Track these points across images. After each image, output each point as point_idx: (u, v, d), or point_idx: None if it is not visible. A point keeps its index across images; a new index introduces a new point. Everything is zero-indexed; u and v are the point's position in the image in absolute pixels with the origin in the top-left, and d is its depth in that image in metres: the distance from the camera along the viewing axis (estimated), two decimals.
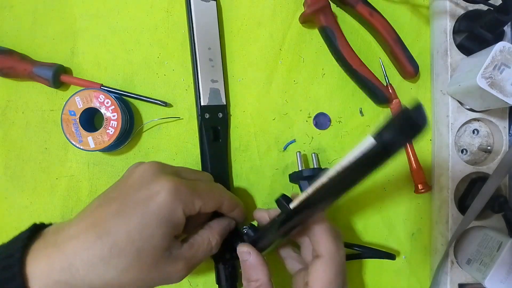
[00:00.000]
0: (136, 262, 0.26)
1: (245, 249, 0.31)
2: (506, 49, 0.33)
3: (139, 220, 0.26)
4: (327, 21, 0.39)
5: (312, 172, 0.37)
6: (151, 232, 0.26)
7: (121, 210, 0.27)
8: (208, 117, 0.38)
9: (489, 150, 0.41)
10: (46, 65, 0.38)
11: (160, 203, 0.27)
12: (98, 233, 0.25)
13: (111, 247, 0.25)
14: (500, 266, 0.33)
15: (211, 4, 0.38)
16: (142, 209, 0.26)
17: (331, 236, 0.30)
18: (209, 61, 0.38)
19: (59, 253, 0.25)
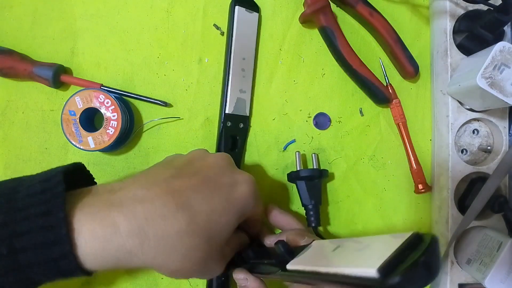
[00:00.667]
0: (204, 244, 0.24)
1: (242, 276, 0.31)
2: (506, 49, 0.33)
3: (223, 203, 0.25)
4: (327, 21, 0.39)
5: (310, 173, 0.37)
6: (229, 219, 0.25)
7: (205, 188, 0.25)
8: (229, 126, 0.38)
9: (489, 150, 0.41)
10: (46, 65, 0.38)
11: (242, 193, 0.27)
12: (179, 203, 0.23)
13: (189, 222, 0.23)
14: (500, 266, 0.33)
15: (254, 15, 0.39)
16: (226, 194, 0.26)
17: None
18: (241, 71, 0.38)
19: (127, 215, 0.21)
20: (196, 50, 0.40)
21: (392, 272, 0.16)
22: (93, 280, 0.38)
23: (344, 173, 0.41)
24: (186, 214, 0.23)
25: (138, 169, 0.39)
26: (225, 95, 0.38)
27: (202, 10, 0.40)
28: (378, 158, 0.41)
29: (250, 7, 0.39)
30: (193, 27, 0.40)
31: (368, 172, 0.41)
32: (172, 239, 0.22)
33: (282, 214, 0.35)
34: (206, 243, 0.24)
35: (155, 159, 0.40)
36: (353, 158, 0.41)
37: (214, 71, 0.40)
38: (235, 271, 0.32)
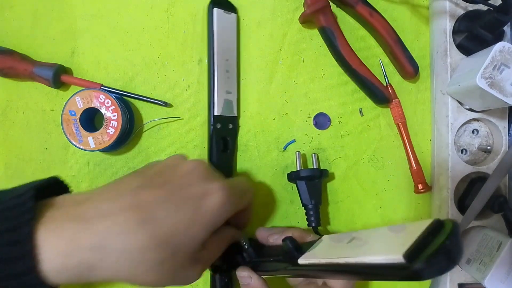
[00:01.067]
0: (170, 258, 0.23)
1: (246, 274, 0.31)
2: (505, 49, 0.33)
3: (190, 215, 0.24)
4: (327, 21, 0.39)
5: (310, 173, 0.37)
6: (197, 231, 0.25)
7: (171, 200, 0.24)
8: (219, 127, 0.38)
9: (489, 150, 0.41)
10: (46, 65, 0.38)
11: (214, 204, 0.26)
12: (141, 218, 0.23)
13: (152, 237, 0.22)
14: (499, 266, 0.33)
15: (232, 16, 0.39)
16: (195, 205, 0.25)
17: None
18: (225, 72, 0.38)
19: (89, 230, 0.21)
20: (196, 50, 0.40)
21: (417, 258, 0.16)
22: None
23: (344, 173, 0.41)
24: (148, 229, 0.23)
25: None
26: (212, 98, 0.38)
27: (202, 10, 0.40)
28: (378, 158, 0.41)
29: (227, 9, 0.39)
30: (193, 27, 0.40)
31: (368, 172, 0.41)
32: (134, 254, 0.22)
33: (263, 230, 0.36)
34: (172, 255, 0.23)
35: (155, 159, 0.40)
36: (353, 158, 0.41)
37: None
38: (238, 269, 0.32)
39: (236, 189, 0.29)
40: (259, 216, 0.40)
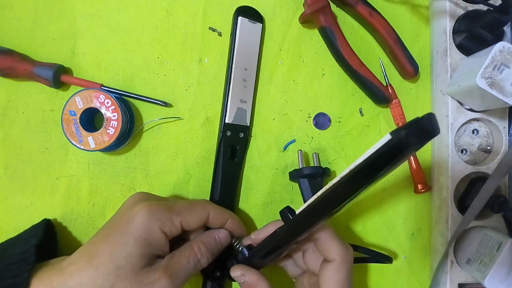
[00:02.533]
0: (118, 280, 0.28)
1: (239, 273, 0.31)
2: (505, 49, 0.33)
3: (119, 239, 0.29)
4: (327, 21, 0.39)
5: (312, 170, 0.37)
6: (130, 250, 0.28)
7: (107, 234, 0.29)
8: (229, 135, 0.38)
9: (489, 150, 0.41)
10: (46, 65, 0.38)
11: (137, 223, 0.29)
12: (89, 257, 0.28)
13: (98, 267, 0.28)
14: (499, 266, 0.33)
15: (257, 26, 0.39)
16: (122, 230, 0.29)
17: (339, 240, 0.30)
18: (242, 81, 0.38)
19: (60, 275, 0.28)
20: (196, 50, 0.40)
21: (399, 131, 0.19)
22: None
23: None
24: (94, 263, 0.28)
25: (139, 169, 0.40)
26: (225, 105, 0.38)
27: (202, 10, 0.40)
28: None
29: (253, 18, 0.39)
30: (193, 27, 0.40)
31: None
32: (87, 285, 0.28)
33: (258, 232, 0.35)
34: (117, 278, 0.28)
35: (155, 159, 0.40)
36: (353, 158, 0.41)
37: (214, 71, 0.40)
38: (231, 270, 0.32)
39: (171, 204, 0.31)
40: (259, 217, 0.40)
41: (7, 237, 0.39)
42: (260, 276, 0.31)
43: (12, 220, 0.39)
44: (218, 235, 0.33)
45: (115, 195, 0.39)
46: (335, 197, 0.24)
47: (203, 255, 0.32)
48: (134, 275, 0.28)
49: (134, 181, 0.39)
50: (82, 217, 0.39)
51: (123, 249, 0.28)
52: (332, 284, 0.29)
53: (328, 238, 0.30)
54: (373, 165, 0.21)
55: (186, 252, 0.31)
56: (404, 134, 0.19)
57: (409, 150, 0.20)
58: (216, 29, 0.40)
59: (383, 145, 0.20)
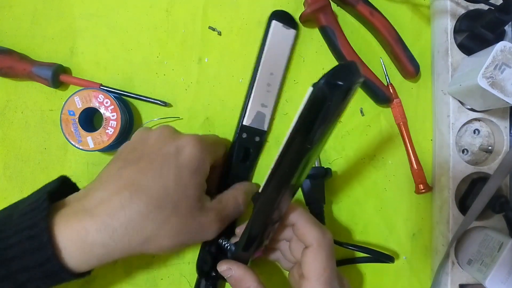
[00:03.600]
0: (173, 212, 0.26)
1: (224, 267, 0.31)
2: (507, 49, 0.33)
3: (173, 171, 0.27)
4: (328, 21, 0.38)
5: (314, 171, 0.37)
6: (185, 182, 0.27)
7: (152, 167, 0.27)
8: (244, 137, 0.37)
9: (490, 150, 0.41)
10: (45, 64, 0.37)
11: (189, 154, 0.28)
12: (132, 192, 0.26)
13: (148, 202, 0.26)
14: (501, 266, 0.33)
15: (291, 32, 0.38)
16: (174, 162, 0.28)
17: (314, 223, 0.30)
18: (266, 86, 0.37)
19: (92, 217, 0.25)
20: (195, 50, 0.40)
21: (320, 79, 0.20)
22: (92, 281, 0.38)
23: (344, 173, 0.41)
24: (141, 197, 0.26)
25: None
26: (245, 106, 0.37)
27: (202, 9, 0.40)
28: (379, 158, 0.41)
29: (288, 23, 0.38)
30: (193, 26, 0.40)
31: (368, 172, 0.41)
32: (137, 221, 0.26)
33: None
34: (173, 210, 0.26)
35: None
36: (353, 158, 0.41)
37: (213, 71, 0.40)
38: (217, 266, 0.32)
39: (205, 138, 0.32)
40: None
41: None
42: (246, 269, 0.31)
43: None
44: (254, 186, 0.36)
45: None
46: (287, 163, 0.24)
47: (244, 205, 0.32)
48: (189, 210, 0.27)
49: None
50: None
51: (179, 181, 0.27)
52: (312, 269, 0.29)
53: (304, 223, 0.30)
54: (306, 121, 0.21)
55: (231, 199, 0.32)
56: (323, 82, 0.20)
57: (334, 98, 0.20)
58: (215, 28, 0.40)
59: (308, 99, 0.21)
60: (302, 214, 0.31)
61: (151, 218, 0.26)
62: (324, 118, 0.21)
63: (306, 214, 0.31)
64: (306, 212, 0.31)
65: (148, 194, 0.26)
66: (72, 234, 0.25)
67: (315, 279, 0.28)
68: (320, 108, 0.21)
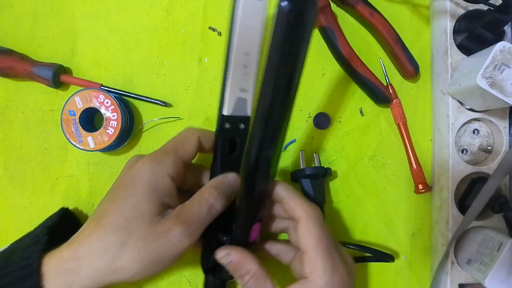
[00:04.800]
0: (130, 233, 0.27)
1: (222, 253, 0.30)
2: (506, 49, 0.33)
3: (125, 193, 0.28)
4: (327, 21, 0.39)
5: (314, 171, 0.37)
6: (137, 199, 0.28)
7: (112, 195, 0.29)
8: (228, 128, 0.33)
9: (490, 150, 0.41)
10: (45, 65, 0.38)
11: (142, 173, 0.29)
12: (96, 220, 0.28)
13: (106, 226, 0.27)
14: (500, 266, 0.33)
15: (261, 4, 0.32)
16: (128, 185, 0.29)
17: (301, 197, 0.31)
18: (243, 68, 0.33)
19: (68, 246, 0.28)
20: (196, 50, 0.40)
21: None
22: None
23: (344, 173, 0.41)
24: (102, 224, 0.27)
25: None
26: (223, 95, 0.33)
27: (202, 10, 0.40)
28: (379, 158, 0.41)
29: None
30: (193, 26, 0.40)
31: (368, 172, 0.41)
32: (99, 247, 0.27)
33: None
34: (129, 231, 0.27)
35: None
36: (353, 158, 0.41)
37: (214, 71, 0.40)
38: (215, 254, 0.31)
39: (162, 149, 0.31)
40: None
41: (6, 237, 0.39)
42: (245, 252, 0.30)
43: (11, 220, 0.39)
44: (227, 177, 0.32)
45: None
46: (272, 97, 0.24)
47: (216, 199, 0.30)
48: (146, 225, 0.27)
49: None
50: (81, 218, 0.39)
51: (131, 200, 0.28)
52: (308, 240, 0.29)
53: (292, 197, 0.30)
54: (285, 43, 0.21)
55: (196, 198, 0.30)
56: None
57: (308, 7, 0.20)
58: (216, 28, 0.40)
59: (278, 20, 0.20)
60: (289, 189, 0.31)
61: (110, 242, 0.27)
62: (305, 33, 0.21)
63: (292, 189, 0.31)
64: (293, 188, 0.31)
65: (107, 220, 0.27)
66: (52, 262, 0.27)
67: (313, 250, 0.28)
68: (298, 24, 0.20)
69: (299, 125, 0.41)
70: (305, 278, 0.28)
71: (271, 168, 0.30)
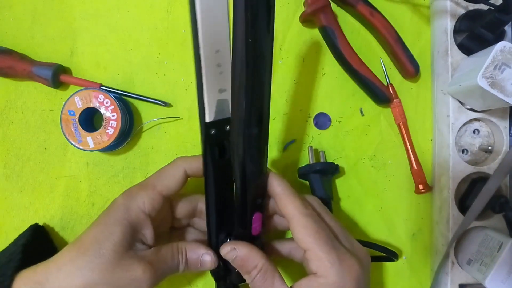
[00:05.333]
0: (99, 258, 0.27)
1: (228, 248, 0.30)
2: (506, 49, 0.33)
3: (102, 222, 0.29)
4: (328, 21, 0.38)
5: (324, 166, 0.37)
6: (111, 230, 0.29)
7: (95, 222, 0.30)
8: (213, 133, 0.31)
9: (490, 150, 0.41)
10: (45, 65, 0.37)
11: (116, 206, 0.30)
12: (74, 242, 0.29)
13: (78, 249, 0.28)
14: (500, 266, 0.33)
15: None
16: (105, 216, 0.30)
17: (294, 195, 0.30)
18: (216, 67, 0.30)
19: (44, 263, 0.28)
20: None
21: None
22: None
23: (344, 173, 0.41)
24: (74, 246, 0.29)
25: (138, 169, 0.39)
26: (201, 101, 0.30)
27: None
28: (379, 158, 0.41)
29: None
30: None
31: (368, 172, 0.41)
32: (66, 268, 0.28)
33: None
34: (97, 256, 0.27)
35: (154, 159, 0.39)
36: (353, 158, 0.41)
37: None
38: (220, 250, 0.31)
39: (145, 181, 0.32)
40: None
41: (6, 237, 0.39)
42: (251, 247, 0.30)
43: (11, 220, 0.39)
44: (203, 256, 0.32)
45: (114, 195, 0.39)
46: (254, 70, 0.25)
47: (185, 263, 0.31)
48: (117, 258, 0.28)
49: (134, 181, 0.39)
50: (81, 217, 0.39)
51: (105, 229, 0.29)
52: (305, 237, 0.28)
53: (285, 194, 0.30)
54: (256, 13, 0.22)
55: (172, 250, 0.31)
56: None
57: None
58: None
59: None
60: (283, 184, 0.31)
61: (77, 265, 0.27)
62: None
63: (286, 185, 0.31)
64: (287, 183, 0.31)
65: (79, 243, 0.29)
66: (25, 278, 0.28)
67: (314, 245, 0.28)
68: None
69: (299, 125, 0.41)
70: (314, 274, 0.28)
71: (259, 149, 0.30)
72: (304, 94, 0.41)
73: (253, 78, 0.26)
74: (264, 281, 0.29)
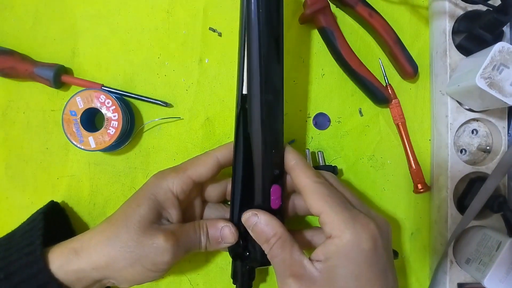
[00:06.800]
0: (125, 228, 0.30)
1: (249, 214, 0.30)
2: (505, 50, 0.34)
3: (133, 197, 0.32)
4: (327, 22, 0.39)
5: (323, 169, 0.37)
6: (139, 202, 0.31)
7: (128, 199, 0.32)
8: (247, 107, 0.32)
9: (488, 150, 0.41)
10: (47, 65, 0.38)
11: (147, 184, 0.32)
12: (108, 218, 0.32)
13: (109, 221, 0.31)
14: (499, 265, 0.33)
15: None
16: (138, 192, 0.32)
17: (307, 166, 0.31)
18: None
19: (73, 240, 0.31)
20: (196, 50, 0.40)
21: None
22: None
23: (343, 173, 0.41)
24: (107, 221, 0.31)
25: (139, 168, 0.40)
26: (241, 73, 0.32)
27: (202, 10, 0.40)
28: (378, 158, 0.42)
29: None
30: (194, 27, 0.40)
31: (367, 172, 0.42)
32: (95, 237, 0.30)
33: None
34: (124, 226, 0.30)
35: (155, 159, 0.40)
36: (352, 158, 0.42)
37: (214, 71, 0.40)
38: (242, 216, 0.31)
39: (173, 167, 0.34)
40: None
41: None
42: (272, 215, 0.30)
43: (12, 220, 0.39)
44: (222, 229, 0.33)
45: (115, 195, 0.39)
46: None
47: (205, 239, 0.33)
48: (141, 228, 0.30)
49: (135, 181, 0.40)
50: (83, 217, 0.39)
51: (134, 202, 0.31)
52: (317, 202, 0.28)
53: (298, 166, 0.31)
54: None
55: (196, 226, 0.33)
56: None
57: None
58: (216, 29, 0.40)
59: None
60: (298, 158, 0.31)
61: (106, 235, 0.30)
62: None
63: (301, 158, 0.32)
64: (301, 157, 0.32)
65: (111, 217, 0.31)
66: (57, 251, 0.30)
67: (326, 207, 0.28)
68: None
69: (299, 125, 0.41)
70: (329, 238, 0.28)
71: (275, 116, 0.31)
72: (304, 94, 0.41)
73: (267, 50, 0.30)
74: (282, 250, 0.29)
